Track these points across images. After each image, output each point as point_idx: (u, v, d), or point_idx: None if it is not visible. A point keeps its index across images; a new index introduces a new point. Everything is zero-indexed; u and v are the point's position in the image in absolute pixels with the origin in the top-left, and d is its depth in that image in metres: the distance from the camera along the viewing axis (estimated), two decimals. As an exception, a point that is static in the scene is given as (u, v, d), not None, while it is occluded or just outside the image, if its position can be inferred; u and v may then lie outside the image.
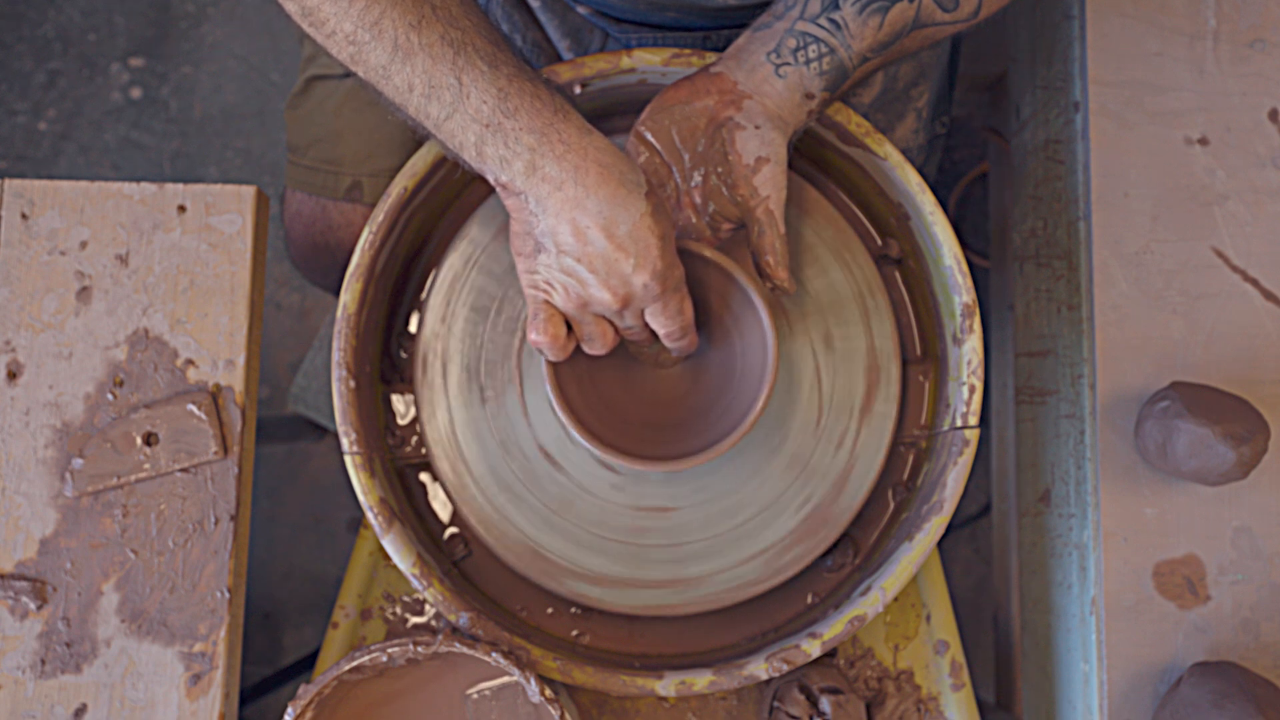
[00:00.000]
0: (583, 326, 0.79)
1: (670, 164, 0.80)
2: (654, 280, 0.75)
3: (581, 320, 0.78)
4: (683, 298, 0.79)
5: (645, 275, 0.75)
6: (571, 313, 0.78)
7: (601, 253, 0.74)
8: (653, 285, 0.76)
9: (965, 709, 0.91)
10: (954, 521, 1.57)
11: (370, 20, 0.72)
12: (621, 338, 0.81)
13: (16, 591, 0.85)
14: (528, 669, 0.80)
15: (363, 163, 1.08)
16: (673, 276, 0.77)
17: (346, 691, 0.83)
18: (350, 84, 1.11)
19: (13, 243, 0.89)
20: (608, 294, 0.76)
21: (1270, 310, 0.92)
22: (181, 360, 0.88)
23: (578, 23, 0.99)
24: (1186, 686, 0.83)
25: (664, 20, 0.95)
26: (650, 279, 0.75)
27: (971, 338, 0.86)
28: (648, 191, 0.75)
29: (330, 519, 1.62)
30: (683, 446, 0.83)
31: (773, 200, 0.80)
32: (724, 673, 0.82)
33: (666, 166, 0.80)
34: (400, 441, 0.91)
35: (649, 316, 0.78)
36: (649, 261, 0.75)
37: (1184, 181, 0.93)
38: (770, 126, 0.79)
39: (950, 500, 0.84)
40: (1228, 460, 0.81)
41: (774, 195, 0.80)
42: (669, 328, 0.79)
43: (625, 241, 0.74)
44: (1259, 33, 0.95)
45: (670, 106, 0.80)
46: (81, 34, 1.75)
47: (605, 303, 0.76)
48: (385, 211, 0.87)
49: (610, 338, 0.80)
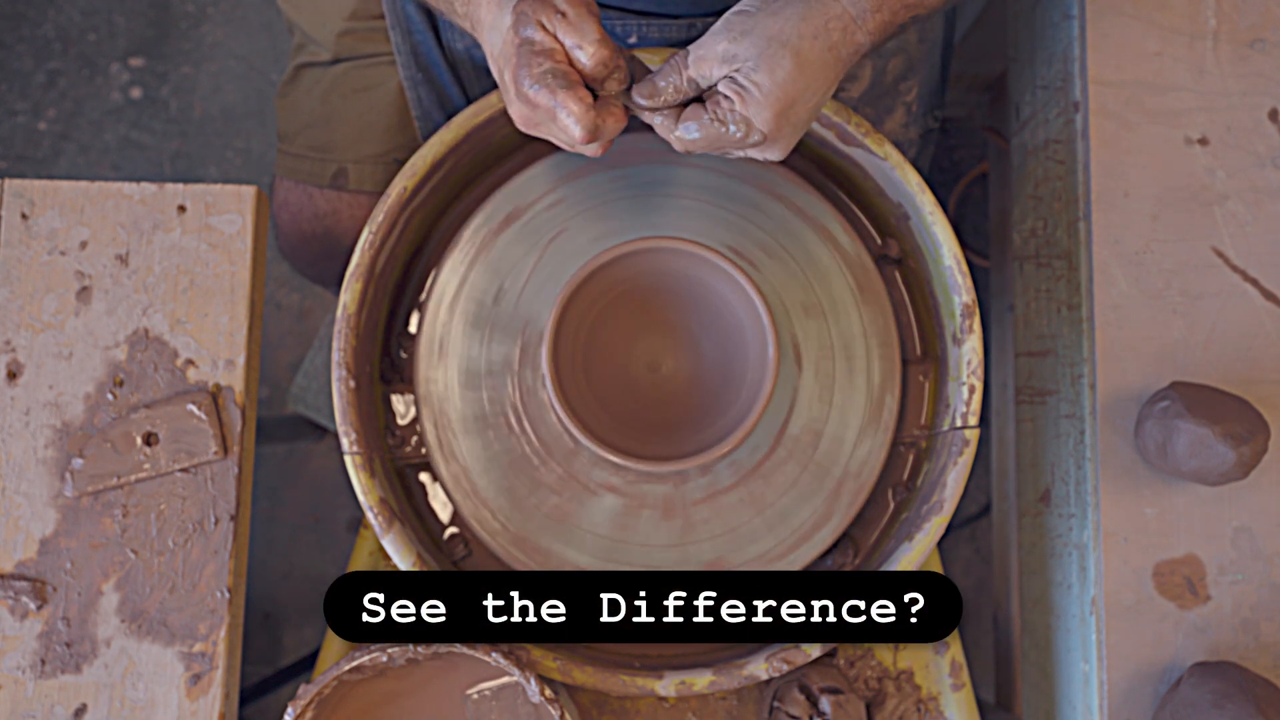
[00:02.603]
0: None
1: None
2: (515, 78, 0.74)
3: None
4: (558, 88, 0.73)
5: (512, 84, 0.75)
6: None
7: (497, 77, 0.77)
8: (517, 83, 0.74)
9: (965, 709, 0.91)
10: (954, 521, 1.57)
11: None
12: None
13: (16, 591, 0.85)
14: (528, 669, 0.80)
15: (348, 149, 1.08)
16: (529, 73, 0.73)
17: (346, 691, 0.83)
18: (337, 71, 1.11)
19: (13, 243, 0.89)
20: (512, 111, 0.76)
21: (1270, 310, 0.92)
22: (181, 360, 0.88)
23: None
24: (1186, 686, 0.83)
25: (647, 6, 0.95)
26: (513, 82, 0.74)
27: (971, 338, 0.86)
28: (518, 2, 0.75)
29: (330, 519, 1.62)
30: (683, 446, 0.83)
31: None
32: (724, 673, 0.82)
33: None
34: (400, 441, 0.91)
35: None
36: (509, 70, 0.75)
37: (1184, 181, 0.93)
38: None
39: (950, 500, 0.84)
40: (1228, 460, 0.81)
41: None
42: (559, 116, 0.73)
43: (496, 62, 0.77)
44: (1259, 33, 0.95)
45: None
46: (81, 34, 1.75)
47: (516, 117, 0.77)
48: (385, 211, 0.87)
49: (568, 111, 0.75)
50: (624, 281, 0.85)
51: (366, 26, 1.10)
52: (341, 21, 1.10)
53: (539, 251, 0.90)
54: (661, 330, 0.89)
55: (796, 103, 0.73)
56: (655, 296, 0.87)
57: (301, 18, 1.12)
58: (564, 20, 0.73)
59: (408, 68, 1.04)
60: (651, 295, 0.87)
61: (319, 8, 1.11)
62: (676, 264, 0.84)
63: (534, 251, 0.90)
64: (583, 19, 0.73)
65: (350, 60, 1.11)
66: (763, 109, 0.73)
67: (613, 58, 0.74)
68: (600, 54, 0.73)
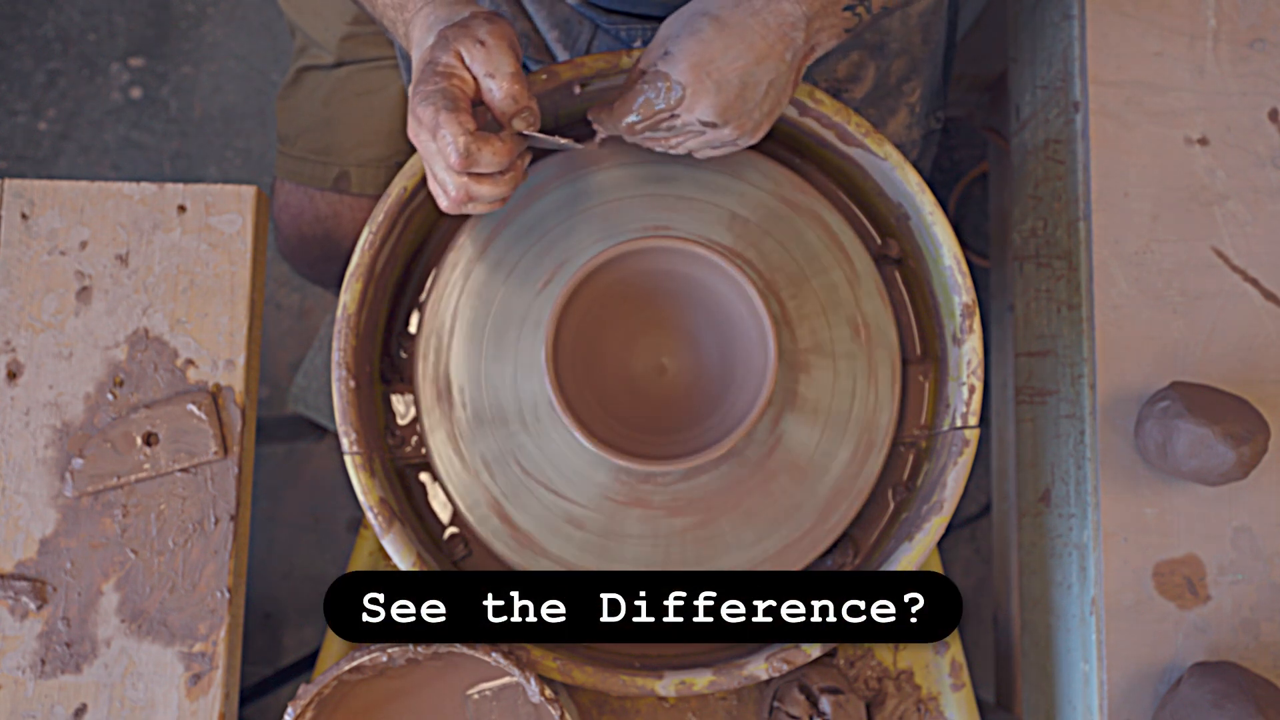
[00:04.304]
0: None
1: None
2: (412, 92, 0.75)
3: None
4: (441, 109, 0.73)
5: (411, 96, 0.75)
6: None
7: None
8: (412, 98, 0.75)
9: (965, 709, 0.91)
10: (954, 521, 1.57)
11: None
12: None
13: (16, 591, 0.85)
14: (528, 669, 0.80)
15: (350, 152, 1.08)
16: (422, 90, 0.74)
17: (346, 691, 0.83)
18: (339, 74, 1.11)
19: (13, 243, 0.89)
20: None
21: (1270, 310, 0.92)
22: (181, 360, 0.88)
23: (566, 13, 0.99)
24: (1186, 686, 0.83)
25: (652, 10, 0.95)
26: (412, 95, 0.75)
27: (971, 338, 0.86)
28: (444, 27, 0.76)
29: (330, 519, 1.62)
30: (683, 446, 0.83)
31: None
32: (724, 673, 0.82)
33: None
34: (400, 441, 0.91)
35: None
36: (411, 85, 0.76)
37: (1184, 181, 0.93)
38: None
39: (950, 500, 0.84)
40: (1228, 460, 0.81)
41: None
42: (438, 136, 0.74)
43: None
44: (1259, 33, 0.95)
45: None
46: (81, 34, 1.75)
47: (409, 134, 0.77)
48: (385, 211, 0.87)
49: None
50: (624, 281, 0.85)
51: (369, 30, 1.10)
52: (344, 25, 1.10)
53: (539, 250, 0.90)
54: (661, 330, 0.89)
55: (716, 59, 0.76)
56: (655, 296, 0.87)
57: (304, 21, 1.12)
58: (481, 48, 0.75)
59: (410, 72, 1.04)
60: (651, 295, 0.87)
61: (321, 11, 1.11)
62: (676, 264, 0.84)
63: (534, 250, 0.90)
64: (501, 52, 0.75)
65: (353, 64, 1.11)
66: (678, 62, 0.76)
67: (524, 95, 0.75)
68: (511, 89, 0.75)
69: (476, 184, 0.76)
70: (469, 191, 0.76)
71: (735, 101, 0.77)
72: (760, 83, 0.78)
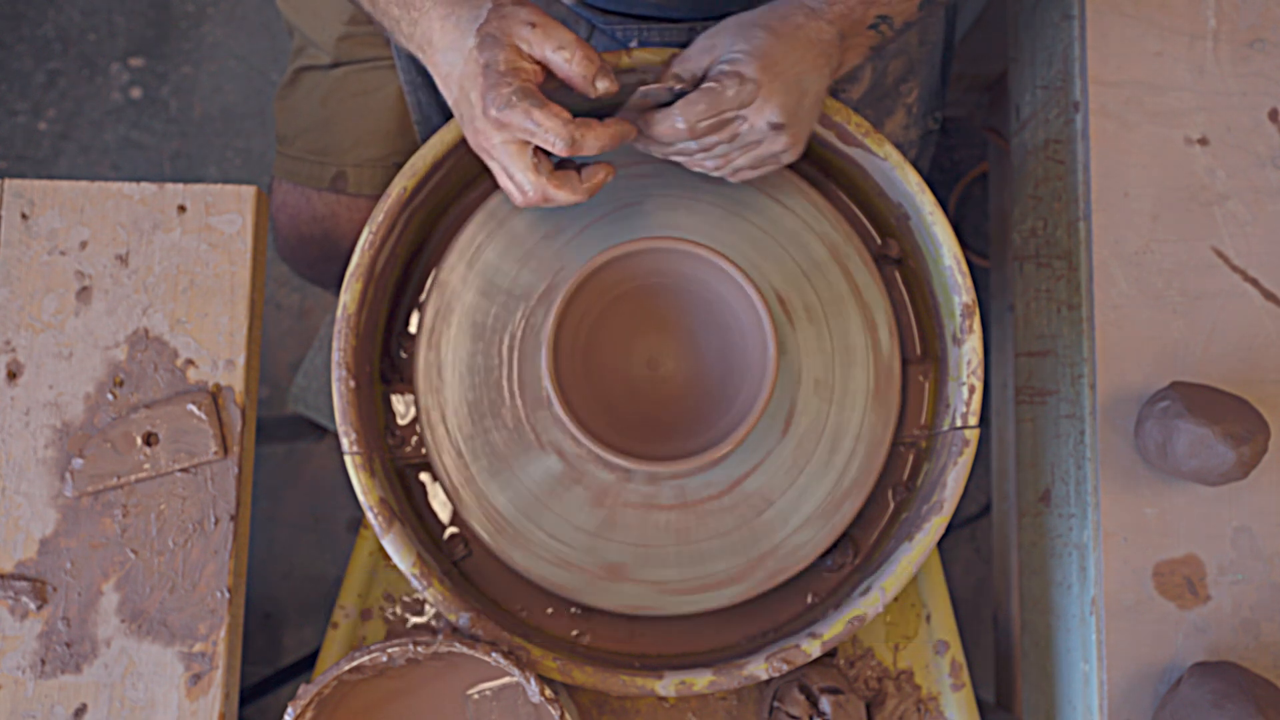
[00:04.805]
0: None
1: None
2: (482, 100, 0.75)
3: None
4: (530, 107, 0.73)
5: (478, 102, 0.75)
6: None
7: (454, 99, 0.77)
8: (484, 105, 0.75)
9: (965, 709, 0.91)
10: (954, 521, 1.57)
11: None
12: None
13: (16, 591, 0.85)
14: (528, 669, 0.80)
15: (348, 152, 1.08)
16: (499, 95, 0.74)
17: (346, 691, 0.83)
18: (337, 74, 1.11)
19: (13, 243, 0.89)
20: (470, 132, 0.77)
21: (1270, 310, 0.92)
22: (181, 360, 0.88)
23: (562, 14, 0.99)
24: (1186, 686, 0.83)
25: (649, 11, 0.95)
26: (480, 101, 0.75)
27: (971, 338, 0.86)
28: (482, 23, 0.75)
29: (330, 519, 1.62)
30: (683, 447, 0.83)
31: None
32: (724, 673, 0.82)
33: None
34: (400, 441, 0.91)
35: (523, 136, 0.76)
36: (475, 91, 0.75)
37: (1184, 181, 0.93)
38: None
39: (950, 500, 0.84)
40: (1228, 460, 0.81)
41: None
42: (538, 134, 0.74)
43: (458, 83, 0.76)
44: (1259, 33, 0.95)
45: None
46: (81, 34, 1.75)
47: (475, 139, 0.77)
48: (385, 211, 0.87)
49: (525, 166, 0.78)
50: (624, 281, 0.85)
51: (366, 31, 1.10)
52: (341, 26, 1.10)
53: (539, 252, 0.90)
54: (661, 330, 0.89)
55: (781, 61, 0.76)
56: (655, 296, 0.87)
57: (301, 21, 1.12)
58: (535, 30, 0.74)
59: (407, 72, 1.04)
60: (651, 295, 0.87)
61: (319, 11, 1.11)
62: (676, 264, 0.84)
63: (534, 252, 0.90)
64: (554, 25, 0.74)
65: (350, 64, 1.11)
66: (747, 62, 0.76)
67: (596, 55, 0.75)
68: (585, 53, 0.74)
69: (555, 188, 0.77)
70: (545, 194, 0.77)
71: (796, 107, 0.78)
72: (809, 92, 0.79)
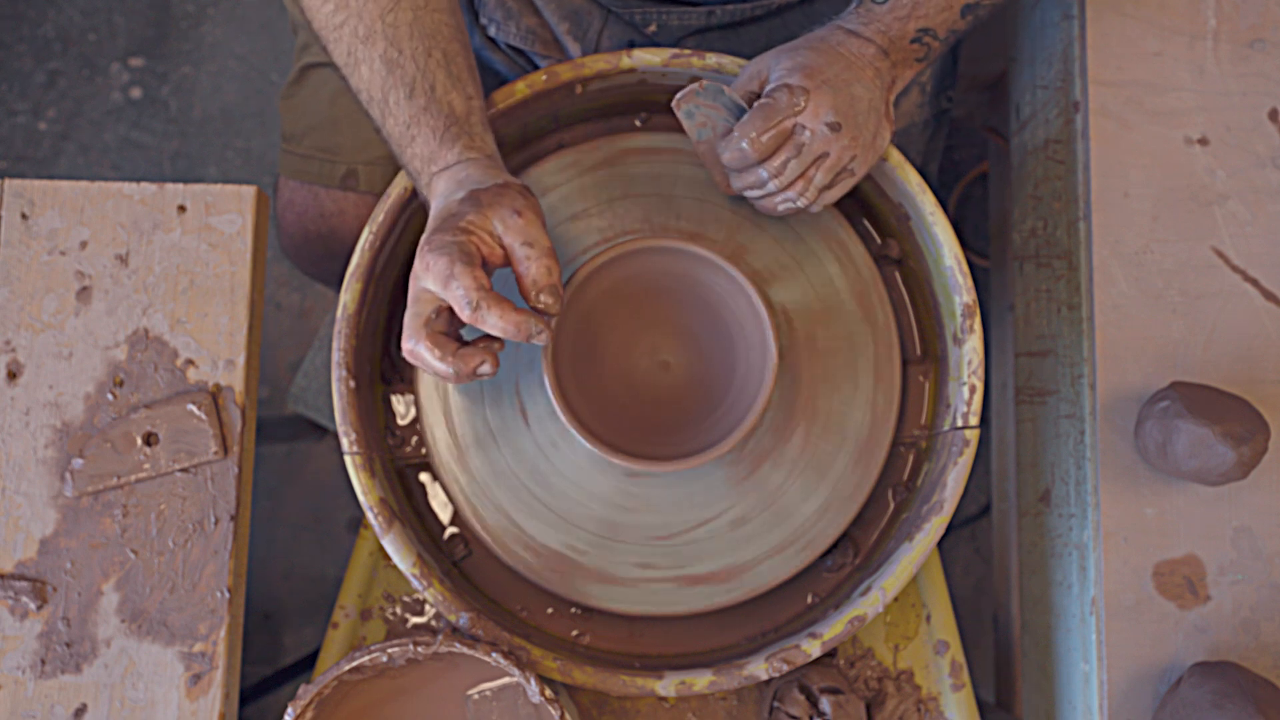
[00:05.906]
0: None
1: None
2: (429, 236, 0.77)
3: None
4: (455, 261, 0.74)
5: (425, 236, 0.78)
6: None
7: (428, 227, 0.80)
8: (427, 238, 0.77)
9: (965, 709, 0.91)
10: (954, 521, 1.57)
11: (335, 23, 0.82)
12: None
13: (16, 591, 0.85)
14: (528, 669, 0.80)
15: (359, 150, 1.08)
16: (441, 238, 0.75)
17: (346, 691, 0.83)
18: None
19: (13, 243, 0.89)
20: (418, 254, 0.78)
21: (1270, 310, 0.92)
22: (181, 360, 0.88)
23: (576, 4, 0.99)
24: (1186, 686, 0.83)
25: None
26: (426, 235, 0.77)
27: (972, 338, 0.86)
28: (480, 189, 0.77)
29: (330, 519, 1.62)
30: (683, 447, 0.83)
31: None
32: (724, 673, 0.82)
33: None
34: (400, 441, 0.91)
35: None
36: (432, 225, 0.78)
37: (1184, 181, 0.93)
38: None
39: (950, 500, 0.84)
40: (1228, 460, 0.81)
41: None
42: (450, 289, 0.75)
43: (432, 213, 0.80)
44: (1259, 33, 0.95)
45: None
46: (81, 34, 1.75)
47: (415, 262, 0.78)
48: (385, 211, 0.87)
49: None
50: (624, 281, 0.85)
51: None
52: None
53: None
54: (661, 330, 0.89)
55: (823, 69, 0.81)
56: (655, 296, 0.87)
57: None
58: (519, 218, 0.76)
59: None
60: (651, 295, 0.87)
61: None
62: (676, 264, 0.84)
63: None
64: (538, 226, 0.76)
65: None
66: (791, 74, 0.81)
67: (557, 273, 0.76)
68: (547, 262, 0.76)
69: (429, 347, 0.76)
70: (415, 352, 0.77)
71: (847, 106, 0.81)
72: (861, 98, 0.82)
